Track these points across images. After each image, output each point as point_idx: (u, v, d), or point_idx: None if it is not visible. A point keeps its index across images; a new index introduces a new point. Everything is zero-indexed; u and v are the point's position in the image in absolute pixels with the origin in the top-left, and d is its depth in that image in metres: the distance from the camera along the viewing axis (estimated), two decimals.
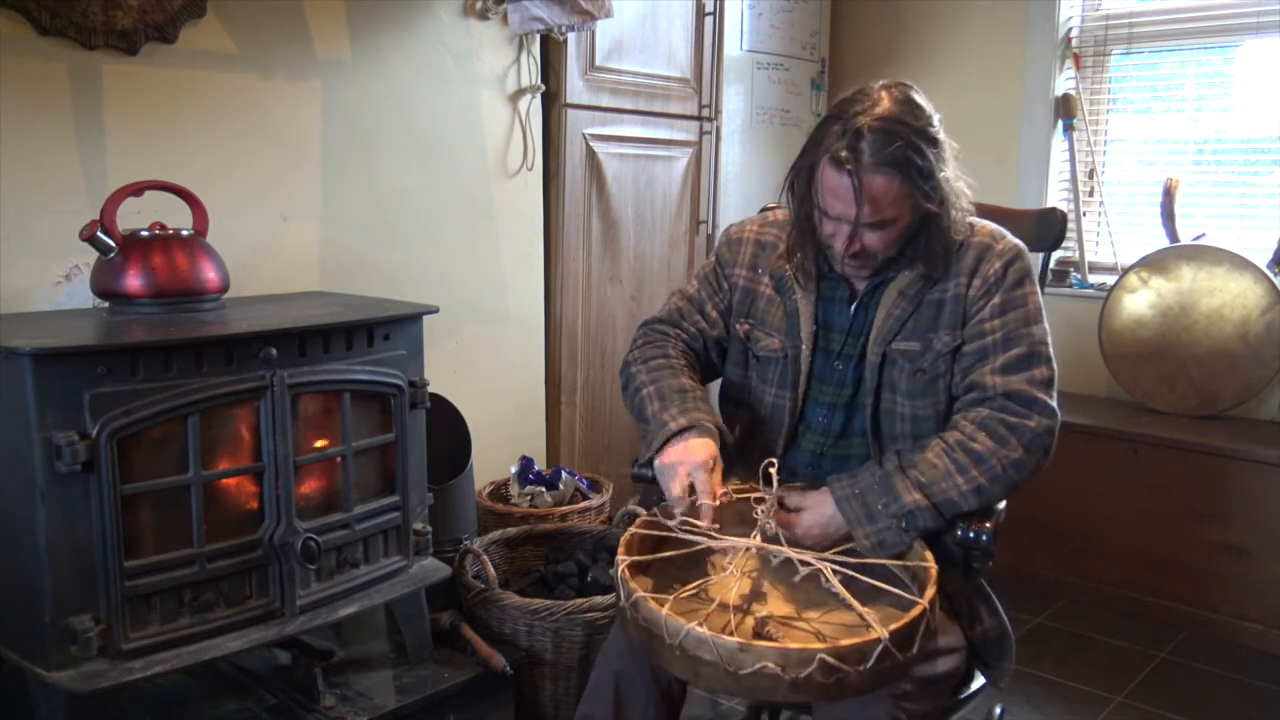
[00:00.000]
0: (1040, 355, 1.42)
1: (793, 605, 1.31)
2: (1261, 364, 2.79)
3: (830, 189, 1.38)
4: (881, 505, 1.37)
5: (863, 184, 1.34)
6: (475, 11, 2.52)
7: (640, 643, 1.24)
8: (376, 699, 1.83)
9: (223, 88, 2.08)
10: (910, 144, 1.34)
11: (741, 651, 1.12)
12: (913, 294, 1.47)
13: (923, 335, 1.47)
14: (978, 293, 1.45)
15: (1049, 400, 1.41)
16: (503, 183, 2.65)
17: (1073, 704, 2.34)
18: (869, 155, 1.33)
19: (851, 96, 1.40)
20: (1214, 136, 3.10)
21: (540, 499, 2.55)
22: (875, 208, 1.36)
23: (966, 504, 1.38)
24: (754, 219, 1.67)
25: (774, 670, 1.11)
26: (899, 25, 3.57)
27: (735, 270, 1.62)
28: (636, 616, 1.22)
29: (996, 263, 1.45)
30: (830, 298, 1.55)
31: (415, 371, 1.90)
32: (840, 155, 1.34)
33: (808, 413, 1.57)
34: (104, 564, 1.49)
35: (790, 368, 1.55)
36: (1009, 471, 1.38)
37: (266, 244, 2.19)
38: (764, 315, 1.59)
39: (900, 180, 1.35)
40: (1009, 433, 1.38)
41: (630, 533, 1.38)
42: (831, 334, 1.55)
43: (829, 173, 1.37)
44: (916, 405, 1.47)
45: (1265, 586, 2.61)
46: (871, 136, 1.33)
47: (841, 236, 1.41)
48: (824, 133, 1.39)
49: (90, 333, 1.59)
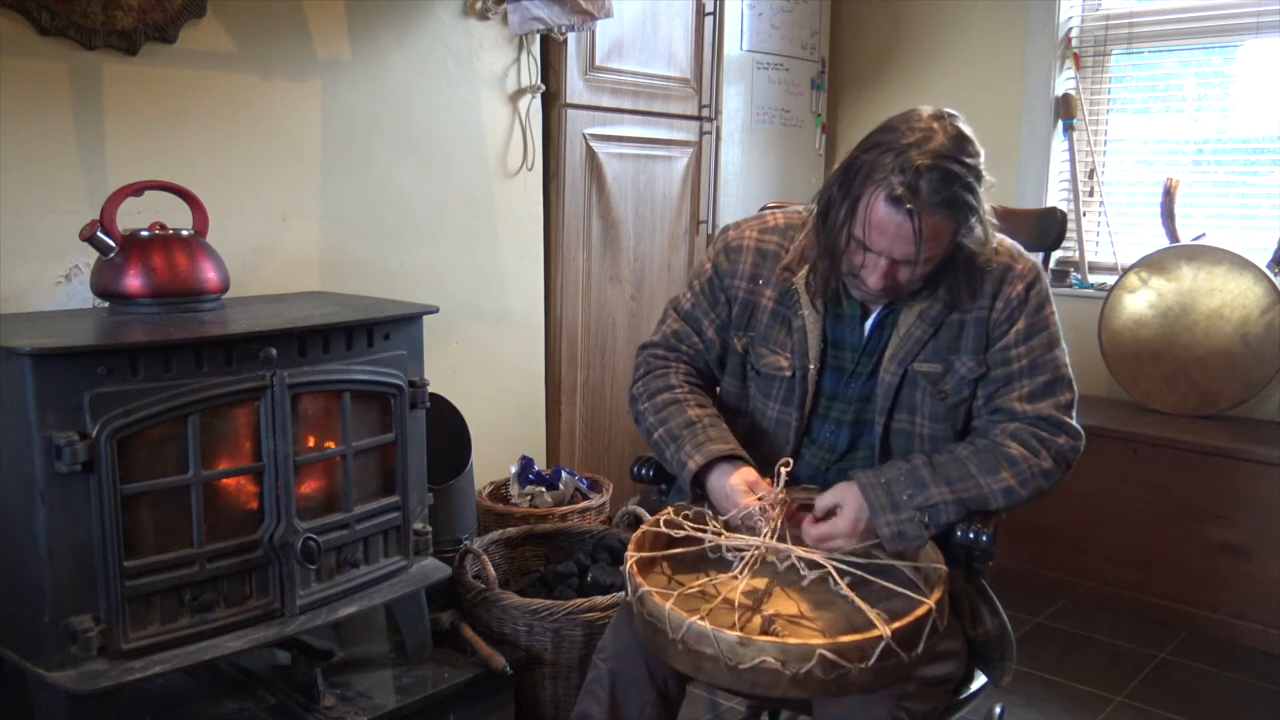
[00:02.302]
0: (1064, 380, 1.45)
1: (801, 605, 1.31)
2: (1261, 364, 2.79)
3: (880, 225, 1.31)
4: (906, 496, 1.37)
5: (920, 224, 1.28)
6: (475, 11, 2.52)
7: (645, 637, 1.25)
8: (376, 699, 1.83)
9: (223, 88, 2.08)
10: (965, 184, 1.30)
11: (741, 646, 1.12)
12: (933, 316, 1.45)
13: (944, 357, 1.46)
14: (1000, 316, 1.44)
15: (1074, 423, 1.44)
16: (503, 183, 2.65)
17: (1073, 704, 2.34)
18: (927, 195, 1.28)
19: (900, 125, 1.32)
20: (1214, 136, 3.10)
21: (540, 499, 2.55)
22: (928, 247, 1.32)
23: (995, 503, 1.38)
24: (751, 223, 1.59)
25: (774, 665, 1.11)
26: (899, 25, 3.57)
27: (734, 282, 1.55)
28: (642, 611, 1.23)
29: (1019, 285, 1.44)
30: (839, 315, 1.51)
31: (415, 371, 1.90)
32: (899, 194, 1.28)
33: (814, 428, 1.55)
34: (104, 564, 1.49)
35: (798, 387, 1.52)
36: (1038, 479, 1.40)
37: (266, 244, 2.19)
38: (766, 330, 1.54)
39: (953, 221, 1.32)
40: (1039, 445, 1.41)
41: (641, 530, 1.38)
42: (843, 352, 1.52)
43: (882, 208, 1.30)
44: (937, 427, 1.47)
45: (1265, 586, 2.61)
46: (930, 175, 1.27)
47: (878, 272, 1.36)
48: (875, 163, 1.31)
49: (90, 333, 1.59)
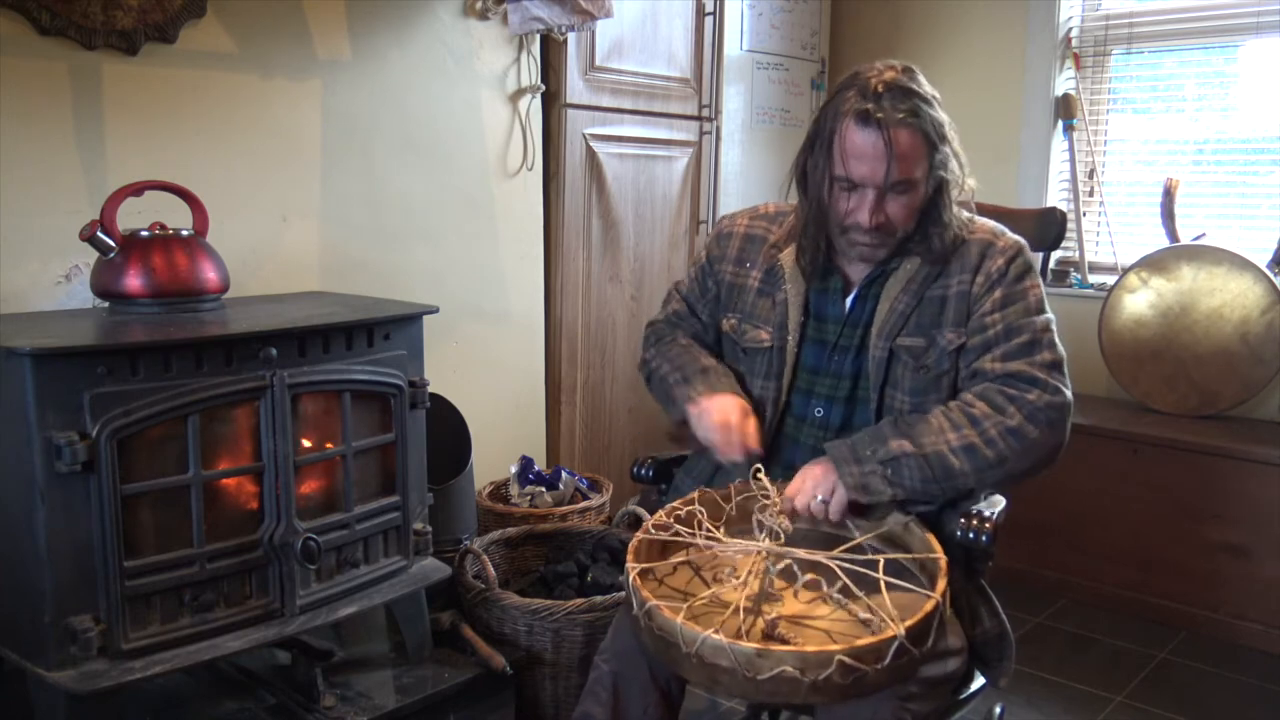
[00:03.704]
0: (1042, 341, 1.42)
1: (800, 604, 1.31)
2: (1261, 364, 2.79)
3: (856, 150, 1.38)
4: (870, 451, 1.40)
5: (891, 137, 1.35)
6: (475, 11, 2.52)
7: (655, 651, 1.23)
8: (376, 699, 1.83)
9: (223, 88, 2.08)
10: (926, 101, 1.38)
11: (759, 657, 1.11)
12: (915, 288, 1.47)
13: (926, 331, 1.47)
14: (980, 289, 1.45)
15: (1053, 380, 1.40)
16: (503, 183, 2.65)
17: (1073, 704, 2.34)
18: (891, 107, 1.35)
19: (852, 74, 1.42)
20: (1214, 136, 3.10)
21: (540, 499, 2.55)
22: (904, 164, 1.37)
23: (958, 462, 1.37)
24: (745, 211, 1.68)
25: (793, 674, 1.10)
26: (899, 25, 3.57)
27: (722, 266, 1.64)
28: (651, 625, 1.20)
29: (999, 259, 1.45)
30: (823, 289, 1.55)
31: (415, 371, 1.90)
32: (865, 109, 1.35)
33: (797, 404, 1.56)
34: (104, 564, 1.49)
35: (776, 358, 1.55)
36: (1006, 438, 1.37)
37: (266, 244, 2.19)
38: (751, 309, 1.59)
39: (922, 136, 1.37)
40: (1007, 402, 1.39)
41: (637, 539, 1.37)
42: (826, 325, 1.54)
43: (853, 132, 1.37)
44: (918, 402, 1.47)
45: (1265, 586, 2.61)
46: (889, 92, 1.36)
47: (865, 206, 1.40)
48: (839, 101, 1.40)
49: (90, 333, 1.59)
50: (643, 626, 1.22)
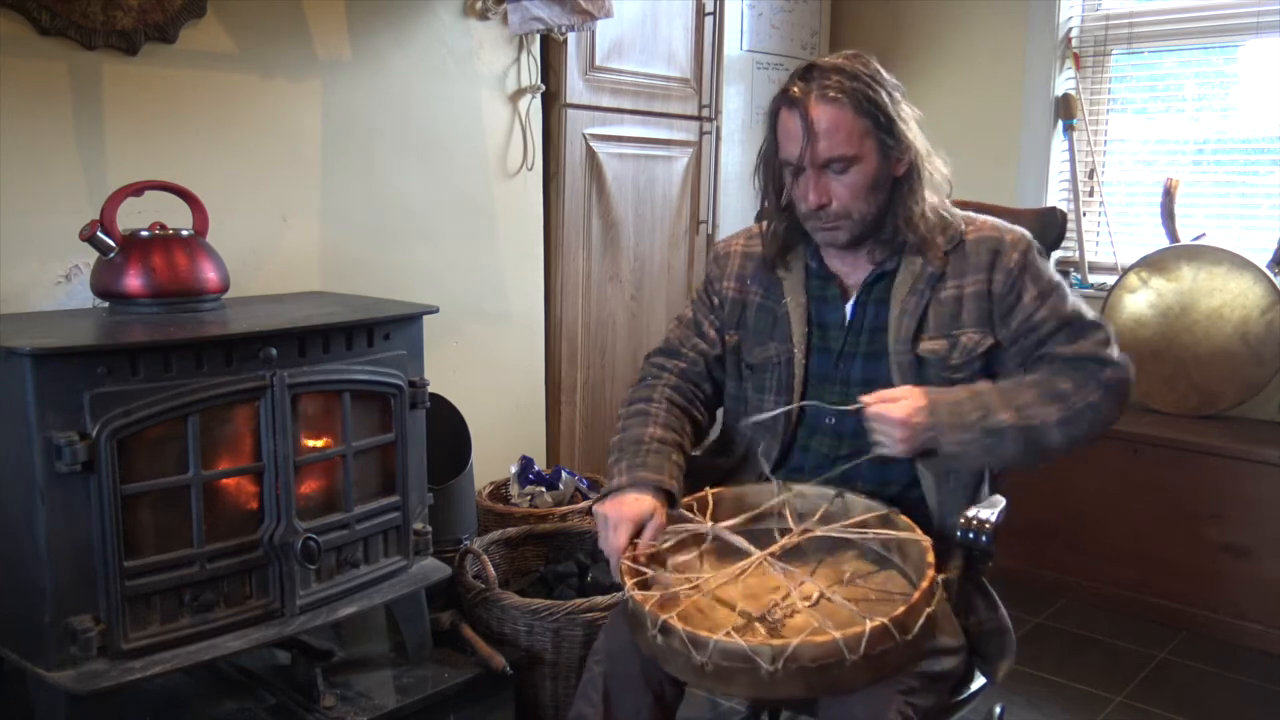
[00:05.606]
0: (1092, 323, 1.44)
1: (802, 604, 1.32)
2: (1261, 364, 2.79)
3: (784, 131, 1.41)
4: (976, 416, 1.36)
5: (809, 115, 1.37)
6: (475, 11, 2.52)
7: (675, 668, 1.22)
8: (376, 699, 1.83)
9: (223, 88, 2.08)
10: (860, 79, 1.38)
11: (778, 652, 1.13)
12: (923, 289, 1.46)
13: (947, 333, 1.46)
14: (1004, 288, 1.45)
15: (1115, 357, 1.42)
16: (503, 183, 2.65)
17: (1073, 704, 2.34)
18: (817, 89, 1.37)
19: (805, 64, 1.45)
20: (1214, 136, 3.10)
21: (540, 499, 2.55)
22: (829, 141, 1.37)
23: (1052, 438, 1.37)
24: (740, 233, 1.68)
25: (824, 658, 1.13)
26: (899, 25, 3.57)
27: (724, 284, 1.63)
28: (668, 642, 1.19)
29: (1014, 254, 1.45)
30: (821, 297, 1.55)
31: (415, 371, 1.90)
32: (789, 89, 1.39)
33: (808, 414, 1.55)
34: (104, 564, 1.49)
35: (785, 372, 1.54)
36: (1089, 413, 1.38)
37: (266, 244, 2.19)
38: (755, 324, 1.59)
39: (852, 113, 1.37)
40: (1087, 377, 1.40)
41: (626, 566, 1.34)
42: (828, 332, 1.54)
43: (783, 115, 1.41)
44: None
45: (1265, 586, 2.61)
46: (820, 72, 1.38)
47: (809, 186, 1.42)
48: (781, 87, 1.44)
49: (90, 333, 1.59)
50: (660, 645, 1.21)
